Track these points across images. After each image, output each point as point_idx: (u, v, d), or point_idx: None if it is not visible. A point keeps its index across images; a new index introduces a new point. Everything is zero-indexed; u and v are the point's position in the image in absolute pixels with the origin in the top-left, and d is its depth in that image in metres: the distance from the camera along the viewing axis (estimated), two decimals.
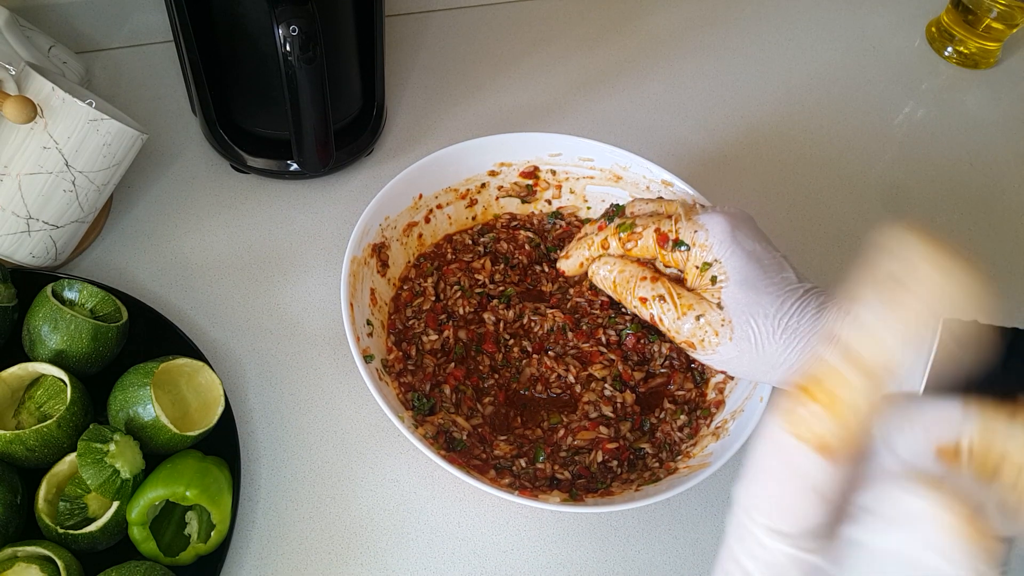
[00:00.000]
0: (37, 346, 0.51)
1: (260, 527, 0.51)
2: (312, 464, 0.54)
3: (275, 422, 0.55)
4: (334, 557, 0.51)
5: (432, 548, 0.52)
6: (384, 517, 0.52)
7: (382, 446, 0.55)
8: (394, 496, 0.53)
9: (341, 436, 0.55)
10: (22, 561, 0.44)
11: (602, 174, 0.62)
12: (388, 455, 0.54)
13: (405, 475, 0.54)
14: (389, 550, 0.51)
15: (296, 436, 0.55)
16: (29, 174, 0.53)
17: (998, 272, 0.70)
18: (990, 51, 0.85)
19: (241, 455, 0.52)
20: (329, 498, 0.53)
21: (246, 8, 0.55)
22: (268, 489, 0.52)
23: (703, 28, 0.84)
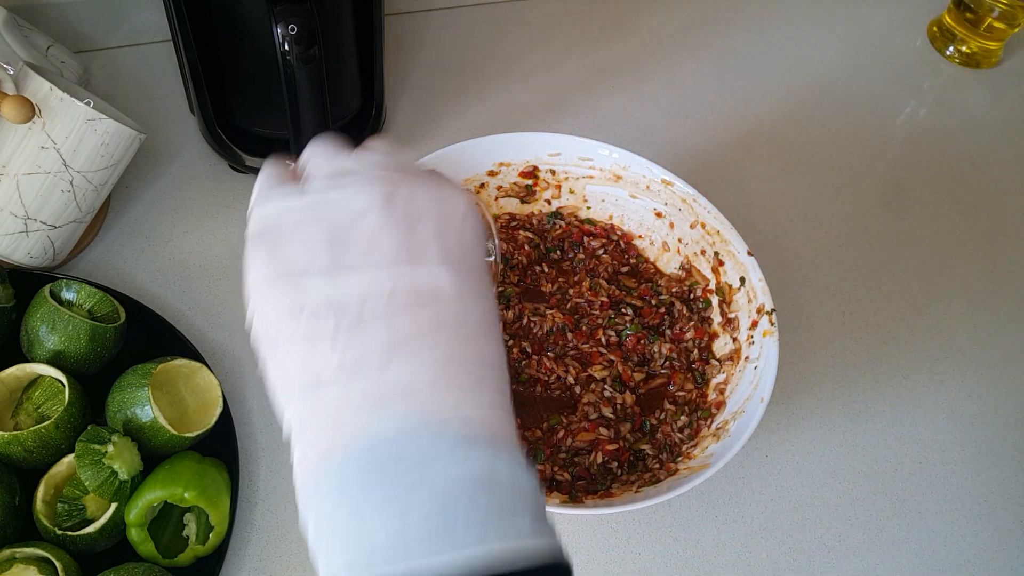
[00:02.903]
0: (35, 347, 0.51)
1: (259, 528, 0.51)
2: None
3: (274, 423, 0.55)
4: None
5: None
6: None
7: None
8: None
9: None
10: (20, 562, 0.44)
11: (602, 174, 0.62)
12: None
13: None
14: None
15: None
16: (27, 174, 0.53)
17: (999, 272, 0.70)
18: (992, 51, 0.84)
19: (240, 456, 0.52)
20: None
21: (245, 7, 0.55)
22: (267, 490, 0.52)
23: (703, 28, 0.84)
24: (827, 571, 0.54)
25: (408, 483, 0.24)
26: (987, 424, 0.61)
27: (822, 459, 0.58)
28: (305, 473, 0.25)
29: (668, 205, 0.61)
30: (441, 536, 0.23)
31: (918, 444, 0.60)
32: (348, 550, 0.24)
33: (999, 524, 0.57)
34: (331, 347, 0.25)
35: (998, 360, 0.65)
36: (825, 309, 0.66)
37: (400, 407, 0.25)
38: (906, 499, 0.57)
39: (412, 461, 0.24)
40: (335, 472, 0.24)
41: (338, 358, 0.25)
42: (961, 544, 0.56)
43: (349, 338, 0.25)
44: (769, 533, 0.55)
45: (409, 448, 0.24)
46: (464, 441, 0.25)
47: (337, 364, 0.25)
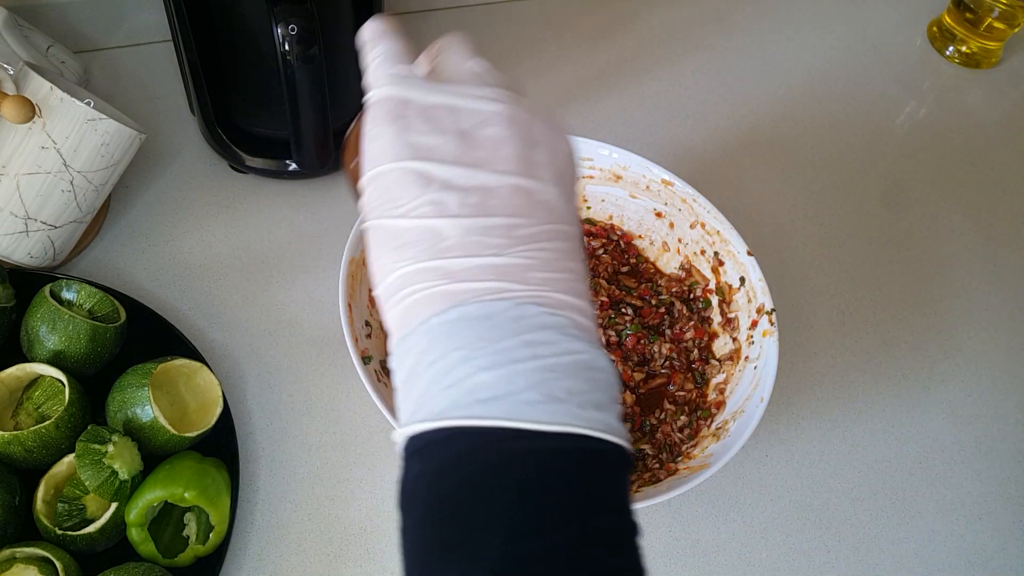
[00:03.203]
0: (35, 347, 0.51)
1: (259, 528, 0.51)
2: (311, 465, 0.54)
3: (274, 423, 0.55)
4: (333, 558, 0.50)
5: None
6: (383, 519, 0.52)
7: (381, 447, 0.55)
8: (393, 497, 0.53)
9: (340, 437, 0.55)
10: (20, 562, 0.44)
11: (601, 174, 0.62)
12: (387, 456, 0.54)
13: None
14: (388, 551, 0.51)
15: (295, 437, 0.55)
16: (27, 174, 0.53)
17: (999, 272, 0.70)
18: (991, 51, 0.84)
19: (240, 456, 0.52)
20: (328, 499, 0.52)
21: (245, 7, 0.55)
22: (267, 490, 0.52)
23: (703, 27, 0.84)
24: (827, 571, 0.54)
25: (520, 354, 0.25)
26: (987, 424, 0.61)
27: (822, 459, 0.58)
28: (411, 319, 0.27)
29: (668, 205, 0.61)
30: (544, 406, 0.25)
31: (918, 444, 0.60)
32: (454, 394, 0.25)
33: (999, 524, 0.57)
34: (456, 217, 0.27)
35: (998, 360, 0.65)
36: (825, 309, 0.66)
37: (517, 289, 0.26)
38: (906, 499, 0.57)
39: (524, 336, 0.25)
40: (448, 323, 0.26)
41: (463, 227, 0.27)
42: (961, 544, 0.56)
43: (474, 215, 0.27)
44: (769, 533, 0.55)
45: (523, 325, 0.26)
46: (571, 335, 0.26)
47: (460, 231, 0.26)
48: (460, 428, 0.25)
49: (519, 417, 0.24)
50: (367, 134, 0.29)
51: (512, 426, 0.24)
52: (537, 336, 0.26)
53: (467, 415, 0.25)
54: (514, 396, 0.25)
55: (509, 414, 0.24)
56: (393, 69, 0.29)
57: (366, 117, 0.29)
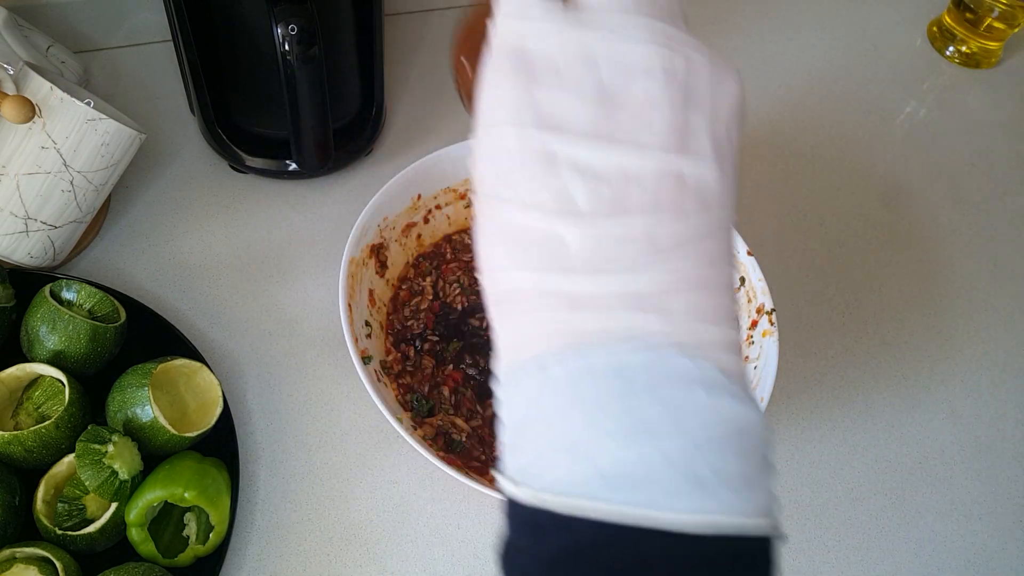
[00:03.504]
0: (35, 347, 0.51)
1: (259, 529, 0.51)
2: (311, 465, 0.54)
3: (274, 423, 0.55)
4: (333, 559, 0.50)
5: (431, 550, 0.51)
6: (383, 519, 0.52)
7: (381, 447, 0.55)
8: (393, 498, 0.53)
9: (340, 437, 0.55)
10: (20, 562, 0.44)
11: None
12: (387, 456, 0.54)
13: (404, 477, 0.54)
14: (388, 552, 0.51)
15: (295, 437, 0.55)
16: (27, 174, 0.53)
17: (999, 272, 0.70)
18: (992, 51, 0.84)
19: (240, 456, 0.52)
20: (328, 499, 0.52)
21: (245, 7, 0.55)
22: (267, 490, 0.52)
23: (703, 27, 0.84)
24: (826, 570, 0.54)
25: (658, 421, 0.21)
26: (987, 424, 0.61)
27: (822, 459, 0.58)
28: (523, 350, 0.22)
29: None
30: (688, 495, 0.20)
31: (918, 444, 0.60)
32: (575, 466, 0.21)
33: (999, 524, 0.57)
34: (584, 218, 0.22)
35: (998, 360, 0.65)
36: (825, 309, 0.66)
37: (655, 326, 0.21)
38: (906, 499, 0.57)
39: (663, 395, 0.21)
40: (570, 374, 0.21)
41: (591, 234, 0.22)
42: (961, 544, 0.56)
43: (607, 214, 0.22)
44: None
45: (661, 379, 0.21)
46: (719, 390, 0.21)
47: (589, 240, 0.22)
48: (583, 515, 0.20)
49: (655, 506, 0.20)
50: (485, 78, 0.23)
51: (646, 521, 0.20)
52: (678, 395, 0.21)
53: (592, 496, 0.20)
54: (650, 479, 0.20)
55: (643, 502, 0.20)
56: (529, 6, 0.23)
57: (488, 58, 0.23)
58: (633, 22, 0.23)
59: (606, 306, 0.21)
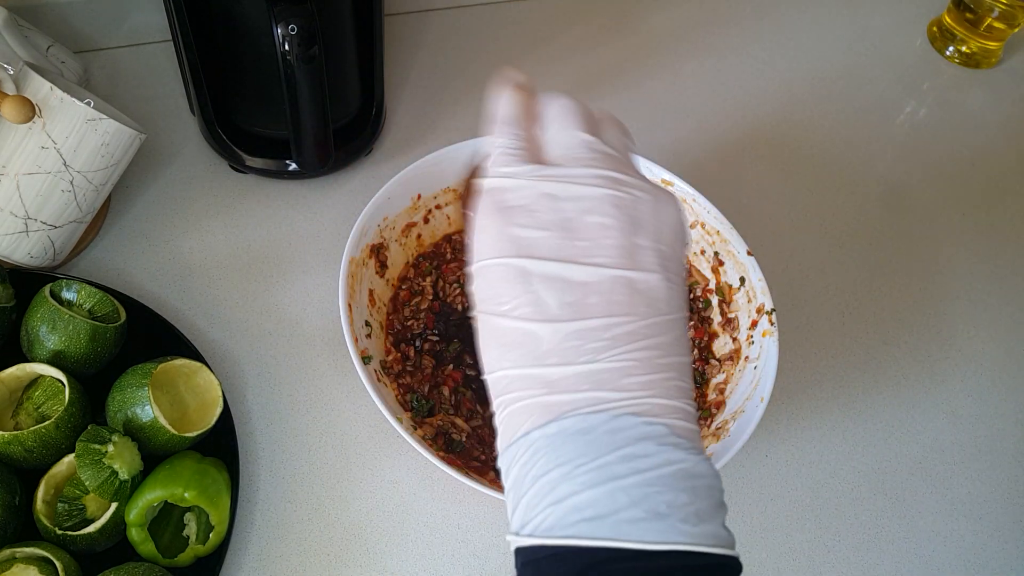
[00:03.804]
0: (35, 347, 0.51)
1: (259, 528, 0.51)
2: (311, 465, 0.54)
3: (274, 423, 0.55)
4: (333, 559, 0.50)
5: (431, 550, 0.51)
6: (383, 519, 0.52)
7: (381, 447, 0.55)
8: (393, 497, 0.53)
9: (340, 437, 0.55)
10: (21, 562, 0.44)
11: None
12: (387, 456, 0.54)
13: (404, 476, 0.54)
14: (388, 552, 0.51)
15: (295, 437, 0.55)
16: (27, 174, 0.53)
17: (999, 272, 0.70)
18: (992, 51, 0.84)
19: (240, 456, 0.52)
20: (328, 499, 0.52)
21: (245, 7, 0.55)
22: (267, 490, 0.52)
23: (703, 27, 0.84)
24: (827, 571, 0.54)
25: (620, 469, 0.25)
26: (987, 424, 0.61)
27: (821, 459, 0.58)
28: (514, 428, 0.28)
29: None
30: (647, 524, 0.25)
31: (918, 444, 0.60)
32: (559, 512, 0.26)
33: (999, 524, 0.57)
34: (554, 320, 0.27)
35: (998, 360, 0.65)
36: (825, 309, 0.66)
37: (614, 398, 0.27)
38: (905, 499, 0.57)
39: (623, 450, 0.26)
40: (548, 438, 0.26)
41: (561, 331, 0.27)
42: (960, 544, 0.56)
43: (572, 317, 0.27)
44: (768, 533, 0.55)
45: (620, 437, 0.26)
46: (669, 444, 0.26)
47: (558, 337, 0.27)
48: (568, 547, 0.25)
49: (623, 537, 0.25)
50: (475, 224, 0.30)
51: (617, 546, 0.25)
52: (635, 449, 0.26)
53: (574, 534, 0.25)
54: (616, 515, 0.25)
55: (613, 534, 0.25)
56: (507, 168, 0.30)
57: (478, 205, 0.30)
58: (588, 172, 0.29)
59: (574, 387, 0.27)
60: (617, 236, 0.28)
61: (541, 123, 0.32)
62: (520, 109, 0.32)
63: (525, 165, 0.30)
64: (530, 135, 0.31)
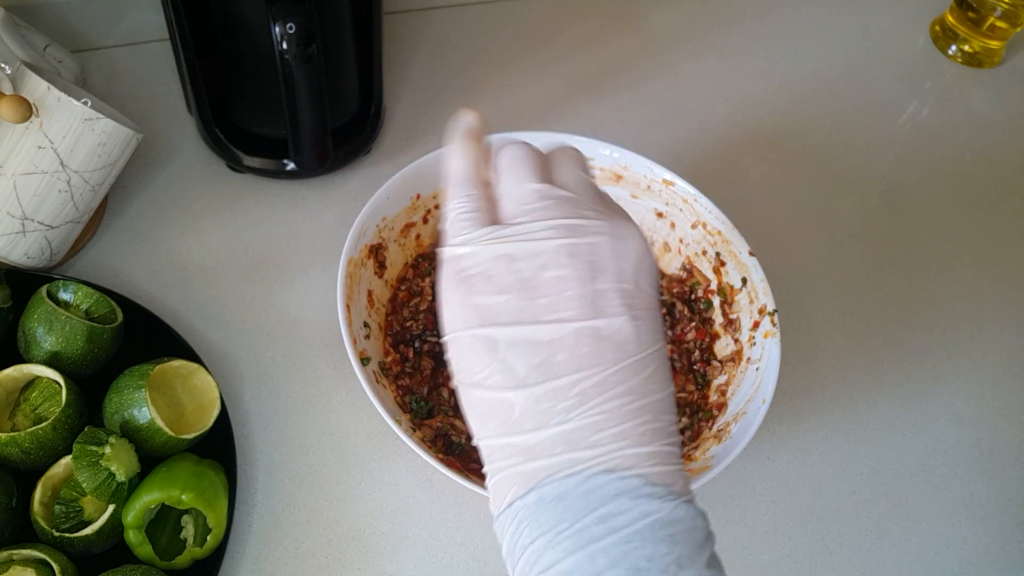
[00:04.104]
0: (32, 348, 0.50)
1: (257, 531, 0.51)
2: (309, 467, 0.53)
3: (272, 425, 0.55)
4: (331, 561, 0.50)
5: (431, 552, 0.51)
6: (382, 521, 0.52)
7: (380, 449, 0.54)
8: (392, 500, 0.53)
9: (339, 439, 0.55)
10: (18, 564, 0.44)
11: (602, 173, 0.61)
12: (386, 458, 0.54)
13: (403, 479, 0.53)
14: (387, 554, 0.51)
15: (293, 439, 0.54)
16: (24, 174, 0.52)
17: (1002, 272, 0.70)
18: (994, 50, 0.84)
19: (237, 458, 0.52)
20: (326, 502, 0.52)
21: (243, 6, 0.55)
22: (265, 493, 0.52)
23: (704, 27, 0.84)
24: (828, 573, 0.53)
25: (597, 531, 0.26)
26: (990, 425, 0.61)
27: (824, 461, 0.58)
28: (499, 498, 0.29)
29: (669, 205, 0.61)
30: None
31: (920, 445, 0.59)
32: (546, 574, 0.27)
33: (1001, 526, 0.57)
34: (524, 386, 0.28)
35: (1001, 361, 0.65)
36: (827, 310, 0.65)
37: (586, 458, 0.27)
38: (908, 501, 0.57)
39: (599, 511, 0.27)
40: (529, 508, 0.27)
41: (531, 396, 0.28)
42: (963, 546, 0.55)
43: (541, 380, 0.28)
44: (771, 535, 0.54)
45: (595, 498, 0.27)
46: (644, 496, 0.27)
47: (530, 402, 0.28)
48: None
49: None
50: (439, 296, 0.30)
51: None
52: (611, 507, 0.26)
53: None
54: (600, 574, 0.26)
55: None
56: (462, 235, 0.30)
57: (438, 277, 0.31)
58: (541, 226, 0.29)
59: (549, 451, 0.27)
60: (576, 286, 0.28)
61: (494, 175, 0.32)
62: (472, 163, 0.32)
63: (479, 229, 0.30)
64: (484, 192, 0.31)
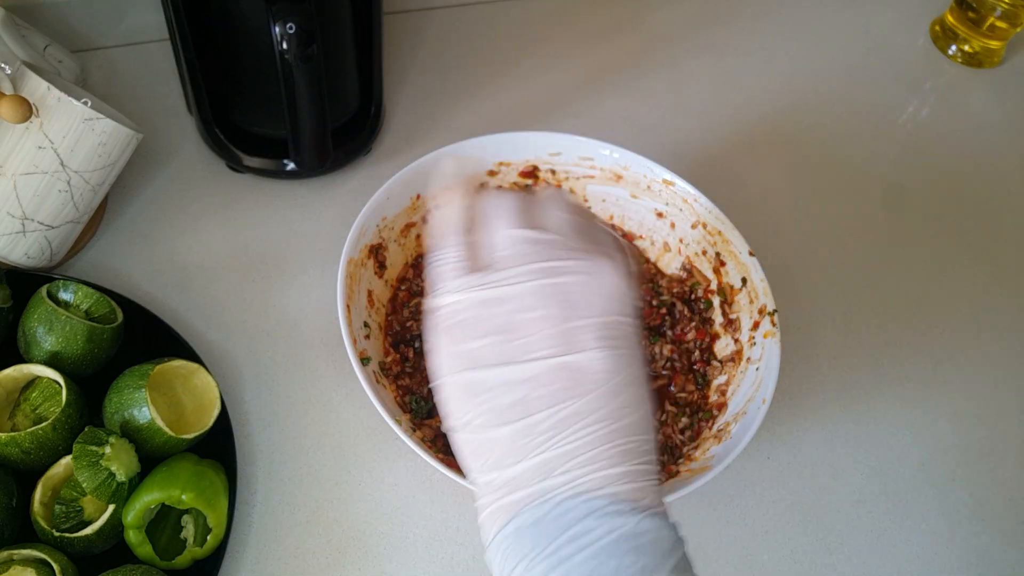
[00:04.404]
0: (32, 348, 0.50)
1: (256, 531, 0.51)
2: (309, 467, 0.53)
3: (272, 425, 0.55)
4: (331, 561, 0.50)
5: (430, 552, 0.51)
6: (382, 521, 0.52)
7: (380, 449, 0.54)
8: (392, 500, 0.53)
9: (338, 439, 0.55)
10: (18, 564, 0.44)
11: (602, 173, 0.61)
12: (386, 458, 0.54)
13: (403, 479, 0.53)
14: (387, 554, 0.51)
15: (293, 439, 0.54)
16: (24, 174, 0.52)
17: (1002, 272, 0.70)
18: (994, 50, 0.84)
19: (237, 458, 0.52)
20: (326, 502, 0.52)
21: (243, 6, 0.55)
22: (265, 493, 0.52)
23: (705, 26, 0.84)
24: (829, 573, 0.53)
25: (569, 550, 0.28)
26: (990, 425, 0.61)
27: (824, 461, 0.58)
28: (487, 532, 0.31)
29: (669, 205, 0.61)
30: None
31: (920, 445, 0.59)
32: None
33: (1001, 526, 0.57)
34: (505, 423, 0.30)
35: (1001, 361, 0.65)
36: (827, 310, 0.65)
37: (559, 485, 0.29)
38: (908, 500, 0.57)
39: (570, 531, 0.29)
40: (509, 537, 0.30)
41: (511, 432, 0.30)
42: (963, 546, 0.55)
43: (520, 416, 0.30)
44: (771, 535, 0.54)
45: (566, 520, 0.29)
46: (610, 514, 0.29)
47: (511, 438, 0.30)
48: None
49: None
50: (426, 344, 0.32)
51: None
52: (580, 527, 0.28)
53: None
54: None
55: None
56: (445, 283, 0.32)
57: (425, 324, 0.32)
58: (520, 270, 0.31)
59: (528, 482, 0.30)
60: (551, 325, 0.30)
61: (480, 222, 0.34)
62: (453, 214, 0.34)
63: (462, 277, 0.32)
64: (466, 240, 0.33)
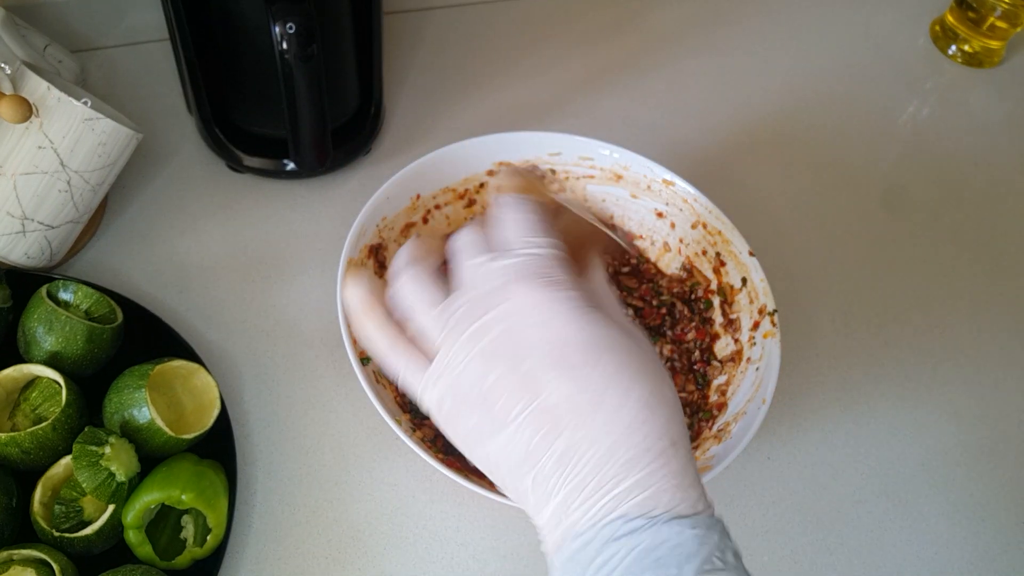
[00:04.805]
0: (32, 348, 0.50)
1: (256, 531, 0.51)
2: (309, 467, 0.53)
3: (272, 425, 0.55)
4: (331, 562, 0.50)
5: (430, 553, 0.51)
6: (382, 521, 0.52)
7: (380, 449, 0.54)
8: (392, 500, 0.53)
9: (338, 439, 0.55)
10: (18, 564, 0.44)
11: (602, 173, 0.61)
12: (386, 458, 0.54)
13: (403, 479, 0.53)
14: (387, 555, 0.51)
15: (293, 439, 0.54)
16: (24, 174, 0.52)
17: (1002, 272, 0.70)
18: (994, 50, 0.84)
19: (237, 458, 0.52)
20: (326, 502, 0.52)
21: (243, 5, 0.55)
22: (264, 493, 0.52)
23: (705, 26, 0.84)
24: (829, 573, 0.53)
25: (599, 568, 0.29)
26: (990, 425, 0.61)
27: (824, 461, 0.58)
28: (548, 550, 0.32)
29: (669, 205, 0.61)
30: None
31: (920, 445, 0.59)
32: None
33: (1001, 526, 0.57)
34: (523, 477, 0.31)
35: (1001, 361, 0.65)
36: (827, 310, 0.65)
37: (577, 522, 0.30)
38: (908, 501, 0.57)
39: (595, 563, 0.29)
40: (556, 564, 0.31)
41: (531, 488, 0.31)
42: (963, 546, 0.55)
43: (528, 472, 0.31)
44: (771, 535, 0.54)
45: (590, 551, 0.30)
46: (626, 535, 0.30)
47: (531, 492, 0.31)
48: None
49: None
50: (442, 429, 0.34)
51: None
52: (602, 558, 0.29)
53: None
54: None
55: None
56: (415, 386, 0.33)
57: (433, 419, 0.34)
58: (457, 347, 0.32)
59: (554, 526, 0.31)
60: (509, 382, 0.31)
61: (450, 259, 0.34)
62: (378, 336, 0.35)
63: (421, 373, 0.33)
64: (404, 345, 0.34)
